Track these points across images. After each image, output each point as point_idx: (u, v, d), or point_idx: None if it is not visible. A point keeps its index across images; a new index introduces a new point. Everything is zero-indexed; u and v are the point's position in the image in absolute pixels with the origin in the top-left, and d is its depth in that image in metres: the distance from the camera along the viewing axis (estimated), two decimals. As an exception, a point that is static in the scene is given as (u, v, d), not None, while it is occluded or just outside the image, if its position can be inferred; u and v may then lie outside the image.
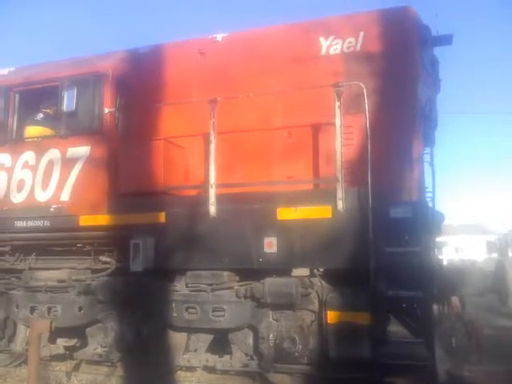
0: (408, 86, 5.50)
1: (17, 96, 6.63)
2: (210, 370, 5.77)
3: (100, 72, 6.15)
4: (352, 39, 5.73)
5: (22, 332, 6.64)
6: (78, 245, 6.25)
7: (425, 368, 4.74)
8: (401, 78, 5.49)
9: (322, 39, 5.84)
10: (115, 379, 6.06)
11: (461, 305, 5.46)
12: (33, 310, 6.21)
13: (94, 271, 6.09)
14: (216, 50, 6.28)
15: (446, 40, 6.23)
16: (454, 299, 5.33)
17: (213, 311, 5.38)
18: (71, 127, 6.17)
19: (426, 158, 5.92)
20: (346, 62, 5.69)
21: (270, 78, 5.95)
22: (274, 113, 5.91)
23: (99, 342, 6.17)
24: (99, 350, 6.19)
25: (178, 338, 5.77)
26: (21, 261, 6.54)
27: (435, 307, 4.94)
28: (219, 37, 6.32)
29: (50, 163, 6.15)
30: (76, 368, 6.56)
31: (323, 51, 5.83)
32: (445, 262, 5.62)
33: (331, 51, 5.81)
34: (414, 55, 5.61)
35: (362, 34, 5.70)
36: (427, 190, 5.79)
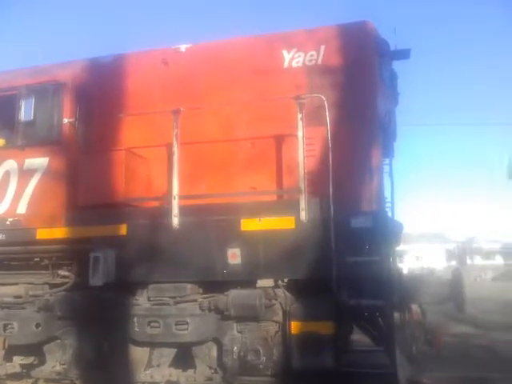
0: (367, 98, 5.65)
1: (-29, 104, 6.38)
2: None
3: (59, 81, 6.02)
4: (314, 52, 5.84)
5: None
6: (36, 259, 6.04)
7: (386, 376, 4.80)
8: (360, 91, 5.62)
9: (284, 52, 5.92)
10: None
11: (421, 312, 5.58)
12: (-12, 327, 5.93)
13: (52, 286, 5.89)
14: (179, 61, 6.26)
15: (404, 54, 6.41)
16: (414, 307, 5.43)
17: (176, 325, 5.29)
18: (29, 137, 6.00)
19: (386, 168, 6.03)
20: (308, 74, 5.78)
21: (233, 89, 5.98)
22: (238, 124, 5.93)
23: (58, 359, 5.94)
24: (58, 368, 5.96)
25: (140, 353, 5.63)
26: None
27: (396, 315, 5.02)
28: (183, 47, 6.32)
29: (6, 174, 5.96)
30: None
31: (286, 64, 5.91)
32: (405, 271, 5.73)
33: (293, 64, 5.89)
34: (373, 68, 5.77)
35: (323, 47, 5.82)
36: (387, 200, 5.92)
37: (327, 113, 5.13)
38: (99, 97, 6.20)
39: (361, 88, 5.62)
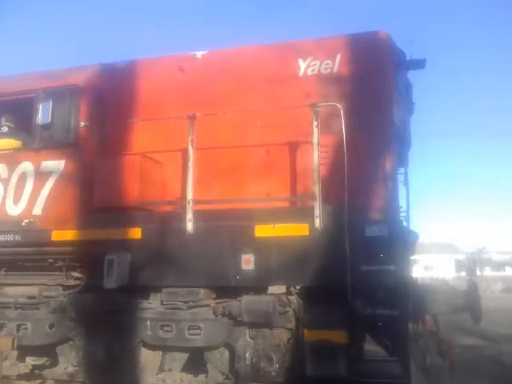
0: (382, 107, 5.65)
1: (-12, 107, 6.47)
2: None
3: (76, 85, 6.08)
4: (329, 61, 5.86)
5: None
6: (49, 260, 6.09)
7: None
8: (375, 100, 5.63)
9: (300, 60, 5.94)
10: None
11: (434, 323, 5.55)
12: (1, 327, 5.98)
13: (66, 288, 5.93)
14: (195, 67, 6.31)
15: (419, 64, 6.42)
16: (428, 317, 5.41)
17: (188, 329, 5.30)
18: (45, 140, 6.06)
19: (401, 178, 6.03)
20: (323, 83, 5.80)
21: (248, 96, 6.01)
22: (252, 131, 5.94)
23: (70, 360, 5.98)
24: (70, 369, 6.00)
25: (152, 357, 5.65)
26: None
27: (410, 325, 5.00)
28: (199, 54, 6.37)
29: (23, 176, 6.01)
30: None
31: (301, 72, 5.93)
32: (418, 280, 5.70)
33: (309, 72, 5.92)
34: (388, 78, 5.78)
35: (338, 56, 5.84)
36: (401, 209, 5.91)
37: (343, 121, 5.14)
38: (115, 101, 6.26)
39: (376, 97, 5.63)
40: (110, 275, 5.34)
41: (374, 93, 5.63)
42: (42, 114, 6.05)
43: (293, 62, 5.97)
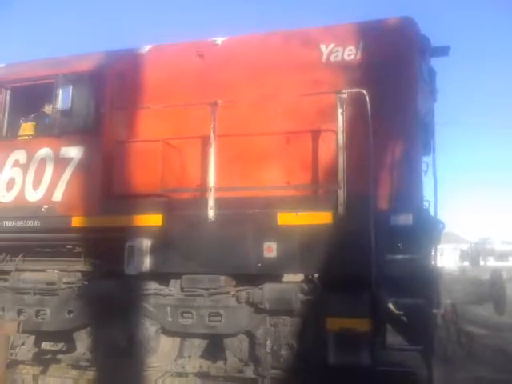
0: (407, 94, 5.57)
1: (9, 92, 6.43)
2: (203, 376, 5.67)
3: (97, 71, 6.02)
4: (352, 47, 5.77)
5: (6, 336, 6.40)
6: (68, 246, 6.10)
7: (420, 376, 4.76)
8: (400, 87, 5.54)
9: (322, 46, 5.86)
10: (83, 382, 5.89)
11: (454, 312, 5.52)
12: (20, 312, 6.00)
13: (85, 274, 5.94)
14: (215, 54, 6.24)
15: (442, 51, 6.34)
16: (448, 306, 5.37)
17: (209, 316, 5.30)
18: (65, 126, 6.02)
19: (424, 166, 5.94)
20: (347, 69, 5.72)
21: (269, 83, 5.94)
22: (273, 118, 5.89)
23: (87, 346, 5.99)
24: (87, 355, 6.02)
25: (171, 344, 5.67)
26: (7, 262, 6.34)
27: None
28: (219, 40, 6.30)
29: (42, 162, 5.98)
30: (43, 371, 6.34)
31: (324, 58, 5.85)
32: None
33: (332, 58, 5.83)
34: (413, 65, 5.68)
35: (362, 42, 5.75)
36: (425, 198, 5.85)
37: (369, 108, 5.06)
38: (135, 87, 6.20)
39: (401, 84, 5.54)
40: (131, 262, 5.33)
41: (399, 80, 5.54)
42: (62, 99, 6.01)
43: (315, 48, 5.88)
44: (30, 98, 6.47)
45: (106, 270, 5.81)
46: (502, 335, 8.83)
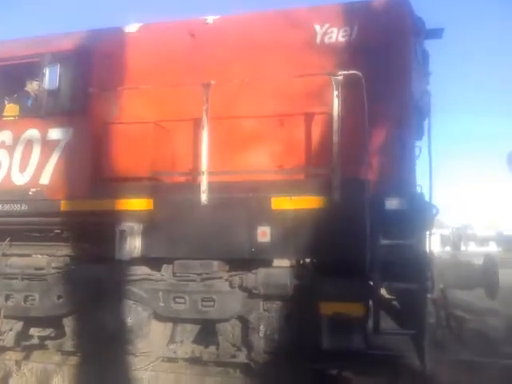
0: (401, 76, 5.49)
1: (-8, 71, 6.21)
2: (195, 361, 5.64)
3: (85, 49, 5.82)
4: (347, 28, 5.67)
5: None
6: (57, 231, 5.97)
7: (412, 360, 4.79)
8: (395, 69, 5.46)
9: (317, 27, 5.74)
10: (66, 368, 5.87)
11: (443, 297, 5.54)
12: (8, 298, 5.88)
13: (74, 259, 5.82)
14: (207, 33, 6.08)
15: (436, 34, 6.26)
16: (438, 291, 5.39)
17: (202, 301, 5.25)
18: (52, 107, 5.83)
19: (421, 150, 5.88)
20: (341, 50, 5.62)
21: (261, 63, 5.81)
22: (265, 100, 5.78)
23: (77, 332, 5.91)
24: (77, 341, 5.94)
25: (163, 329, 5.62)
26: None
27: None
28: (210, 19, 6.13)
29: (29, 144, 5.81)
30: (26, 357, 6.28)
31: (318, 39, 5.74)
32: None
33: (326, 39, 5.73)
34: (408, 46, 5.60)
35: (357, 23, 5.65)
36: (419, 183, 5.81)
37: (364, 90, 4.97)
38: (124, 67, 6.02)
39: (396, 66, 5.46)
40: (122, 246, 5.23)
41: (394, 62, 5.46)
42: (49, 79, 5.82)
43: (309, 28, 5.77)
44: (14, 77, 6.26)
45: (96, 254, 5.69)
46: (485, 320, 8.95)
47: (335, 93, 5.03)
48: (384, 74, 5.43)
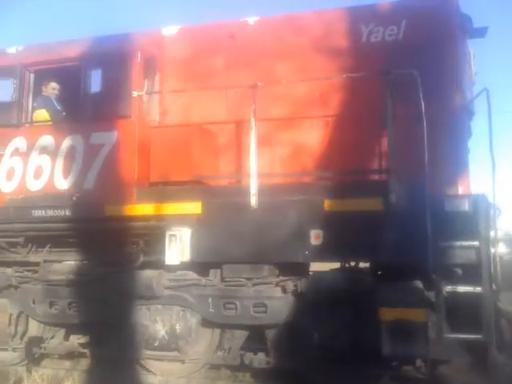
0: (451, 76, 5.39)
1: (32, 76, 6.13)
2: (245, 368, 5.51)
3: (127, 52, 5.72)
4: (394, 27, 5.59)
5: (33, 329, 6.20)
6: (100, 236, 5.85)
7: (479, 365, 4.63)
8: (445, 68, 5.37)
9: (362, 26, 5.66)
10: (77, 374, 5.76)
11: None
12: (52, 305, 5.78)
13: (121, 264, 5.70)
14: (247, 34, 6.02)
15: (480, 33, 6.13)
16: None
17: (254, 307, 5.12)
18: (96, 111, 5.73)
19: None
20: (388, 50, 5.52)
21: (305, 64, 5.73)
22: (311, 102, 5.71)
23: (121, 339, 5.79)
24: (120, 348, 5.82)
25: (211, 335, 5.49)
26: (33, 253, 6.09)
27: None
28: (251, 20, 6.07)
29: (72, 148, 5.69)
30: (37, 363, 6.19)
31: (364, 38, 5.65)
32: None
33: (372, 39, 5.64)
34: (458, 45, 5.54)
35: (404, 22, 5.57)
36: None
37: (420, 90, 4.84)
38: (167, 70, 5.99)
39: (445, 65, 5.37)
40: (172, 251, 5.13)
41: (443, 61, 5.36)
42: (91, 82, 5.73)
43: (354, 28, 5.70)
44: (58, 81, 6.22)
45: (144, 260, 5.55)
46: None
47: (388, 93, 4.91)
48: (433, 72, 5.31)
